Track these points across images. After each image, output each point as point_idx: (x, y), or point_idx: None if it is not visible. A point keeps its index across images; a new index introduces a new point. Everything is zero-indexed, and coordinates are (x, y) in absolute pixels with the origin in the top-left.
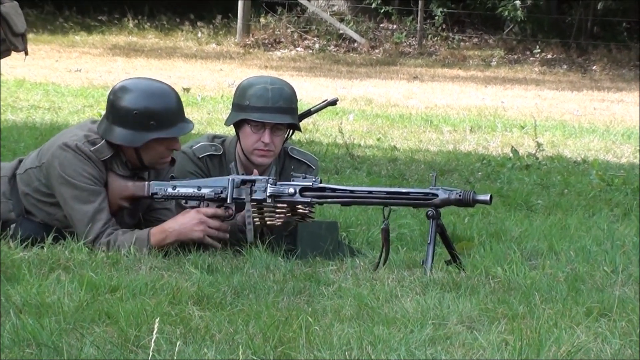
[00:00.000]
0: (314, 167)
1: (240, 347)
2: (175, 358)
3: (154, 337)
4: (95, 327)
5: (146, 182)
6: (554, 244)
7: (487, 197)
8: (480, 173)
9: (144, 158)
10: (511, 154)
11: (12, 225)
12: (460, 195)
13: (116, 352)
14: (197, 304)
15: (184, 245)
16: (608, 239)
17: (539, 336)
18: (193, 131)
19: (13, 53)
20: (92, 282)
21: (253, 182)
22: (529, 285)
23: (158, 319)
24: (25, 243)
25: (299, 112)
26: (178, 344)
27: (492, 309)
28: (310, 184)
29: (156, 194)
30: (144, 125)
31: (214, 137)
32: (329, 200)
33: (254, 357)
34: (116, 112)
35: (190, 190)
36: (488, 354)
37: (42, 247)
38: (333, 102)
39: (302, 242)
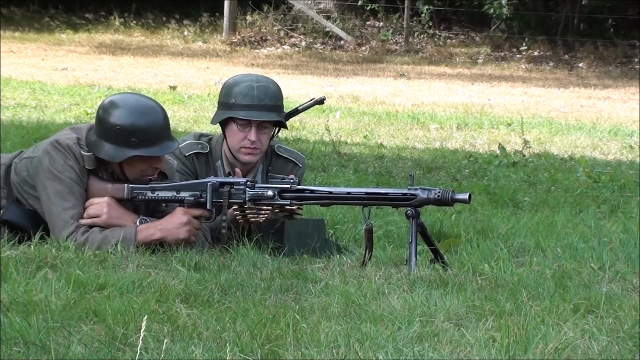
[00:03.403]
0: (301, 165)
1: (227, 344)
2: (162, 356)
3: (142, 335)
4: (82, 325)
5: (125, 185)
6: (541, 241)
7: (466, 196)
8: (467, 170)
9: (127, 174)
10: (498, 151)
11: (1, 211)
12: (438, 195)
13: (104, 350)
14: (184, 302)
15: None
16: (595, 236)
17: (526, 333)
18: (180, 129)
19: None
20: (80, 280)
21: (232, 184)
22: (516, 282)
23: (145, 317)
24: (12, 241)
25: (286, 111)
26: (165, 342)
27: (479, 306)
28: (289, 185)
29: (135, 197)
30: (126, 142)
31: (201, 135)
32: (308, 201)
33: (242, 355)
34: (101, 126)
35: (169, 194)
36: (475, 351)
37: (29, 245)
38: (320, 101)
39: (289, 240)
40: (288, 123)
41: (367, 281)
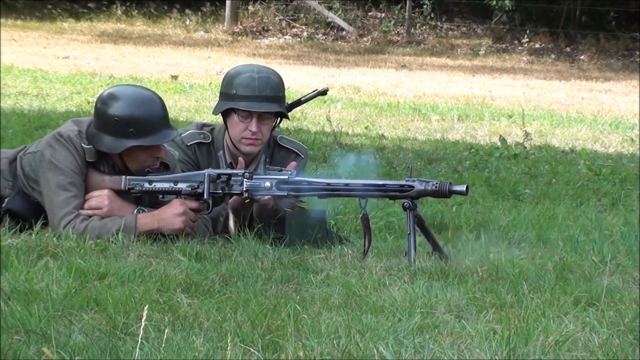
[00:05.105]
0: (303, 156)
1: (228, 334)
2: (163, 346)
3: (143, 324)
4: (83, 314)
5: (123, 177)
6: (542, 233)
7: (463, 188)
8: (468, 162)
9: (129, 165)
10: (499, 143)
11: (7, 199)
12: (436, 187)
13: (104, 339)
14: (185, 292)
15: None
16: (596, 229)
17: (527, 325)
18: (181, 119)
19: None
20: (81, 269)
21: (229, 176)
22: (517, 275)
23: (146, 306)
24: (14, 230)
25: (290, 102)
26: (166, 331)
27: (480, 297)
28: (287, 177)
29: (132, 188)
30: (124, 133)
31: (203, 125)
32: (305, 193)
33: (242, 345)
34: (100, 118)
35: (166, 185)
36: (476, 343)
37: (31, 234)
38: (323, 92)
39: (291, 230)
40: (290, 113)
41: (367, 272)
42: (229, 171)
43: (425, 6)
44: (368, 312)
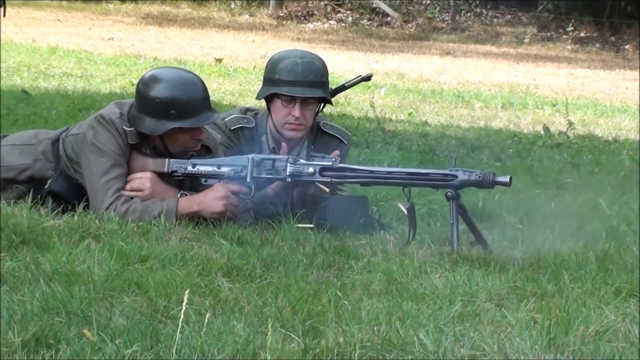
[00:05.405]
0: (346, 142)
1: (269, 319)
2: (204, 329)
3: (184, 308)
4: (124, 296)
5: (166, 159)
6: (584, 223)
7: (507, 179)
8: (511, 150)
9: (170, 147)
10: (542, 132)
11: (49, 181)
12: (479, 177)
13: (145, 322)
14: (226, 276)
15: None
16: (638, 220)
17: (567, 315)
18: (225, 102)
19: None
20: (122, 252)
21: (273, 160)
22: (558, 264)
23: (187, 290)
24: (56, 211)
25: (333, 87)
26: (207, 315)
27: (521, 286)
28: (330, 163)
29: (176, 171)
30: (165, 114)
31: (247, 109)
32: (348, 180)
33: (283, 330)
34: (141, 100)
35: (210, 169)
36: (516, 332)
37: (73, 216)
38: (367, 78)
39: (332, 216)
40: (333, 99)
41: (409, 259)
42: (273, 156)
43: None
44: (409, 299)
